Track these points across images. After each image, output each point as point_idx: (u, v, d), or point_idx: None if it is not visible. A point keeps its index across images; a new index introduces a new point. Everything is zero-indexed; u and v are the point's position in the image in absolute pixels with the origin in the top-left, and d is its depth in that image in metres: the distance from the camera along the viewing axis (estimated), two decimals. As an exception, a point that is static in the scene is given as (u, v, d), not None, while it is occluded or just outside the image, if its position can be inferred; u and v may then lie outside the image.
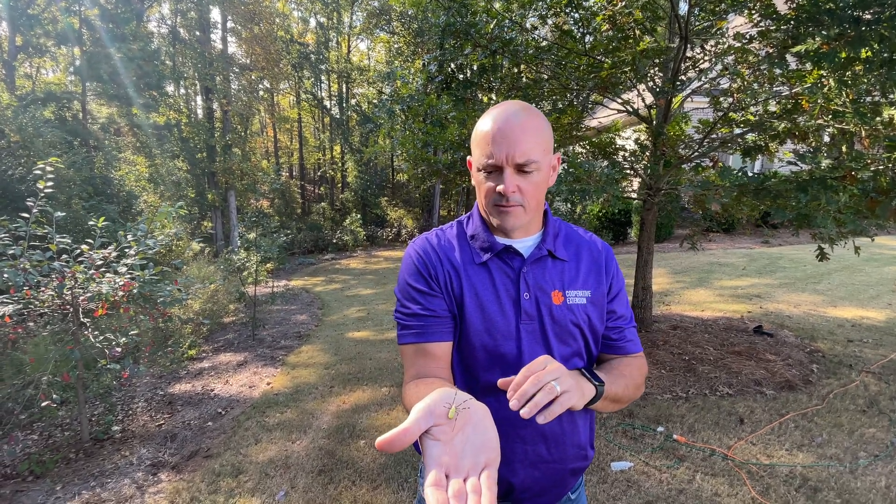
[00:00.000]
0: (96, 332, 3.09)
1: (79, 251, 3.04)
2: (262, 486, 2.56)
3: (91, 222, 3.15)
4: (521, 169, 0.80)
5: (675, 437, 2.76)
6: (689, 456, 2.59)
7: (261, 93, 17.62)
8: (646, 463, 2.54)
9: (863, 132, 2.58)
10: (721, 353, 3.93)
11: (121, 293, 2.95)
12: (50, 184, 2.97)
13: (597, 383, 0.77)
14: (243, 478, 2.65)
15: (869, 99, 2.88)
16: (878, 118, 2.62)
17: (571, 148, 4.97)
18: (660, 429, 2.87)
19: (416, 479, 2.53)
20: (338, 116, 21.09)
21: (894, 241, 9.42)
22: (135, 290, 3.01)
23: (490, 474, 0.47)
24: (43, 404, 2.85)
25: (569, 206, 10.67)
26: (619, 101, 4.11)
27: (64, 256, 2.95)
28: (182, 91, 18.76)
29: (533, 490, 0.90)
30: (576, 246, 0.93)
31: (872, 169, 2.47)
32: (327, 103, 23.13)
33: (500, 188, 0.81)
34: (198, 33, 13.29)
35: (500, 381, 0.68)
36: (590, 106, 4.74)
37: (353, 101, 21.52)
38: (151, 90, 11.67)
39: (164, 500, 2.47)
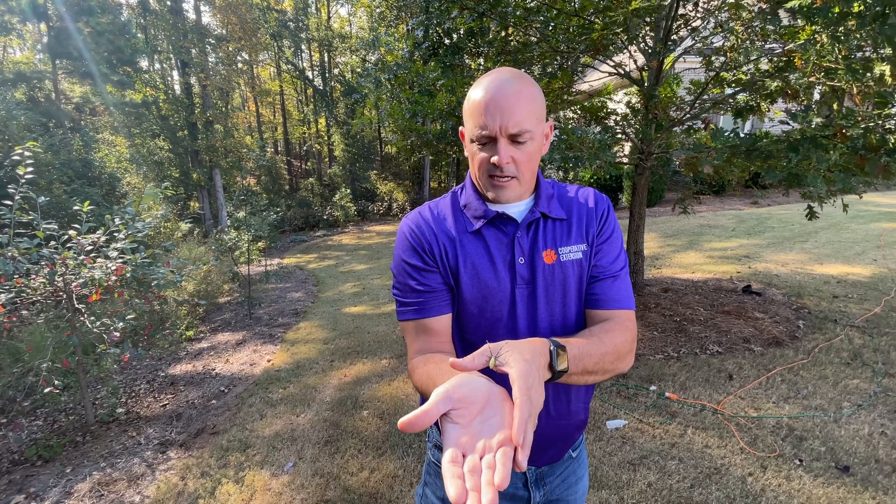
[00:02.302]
0: (92, 318, 3.08)
1: (66, 237, 2.99)
2: (271, 459, 2.63)
3: (76, 207, 3.08)
4: (514, 139, 0.80)
5: (667, 394, 2.86)
6: (681, 412, 2.69)
7: (239, 65, 16.99)
8: (639, 420, 2.64)
9: (854, 89, 2.57)
10: (711, 313, 4.03)
11: (114, 278, 2.93)
12: (30, 169, 2.89)
13: (557, 358, 0.69)
14: (251, 451, 2.72)
15: (860, 55, 2.85)
16: (868, 74, 2.61)
17: (562, 113, 4.90)
18: (652, 387, 2.97)
19: (419, 446, 2.61)
20: (321, 88, 20.48)
21: (880, 197, 9.56)
22: (128, 274, 2.98)
23: (506, 451, 0.49)
24: (45, 391, 2.86)
25: (561, 174, 10.63)
26: (611, 63, 4.03)
27: (52, 243, 2.91)
28: (157, 66, 18.03)
29: (535, 445, 0.91)
30: (569, 203, 0.92)
31: (863, 126, 2.48)
32: (309, 74, 22.41)
33: (494, 159, 0.80)
34: (168, 3, 12.63)
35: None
36: (580, 69, 4.64)
37: (335, 71, 20.87)
38: (125, 66, 11.18)
39: (175, 477, 2.54)
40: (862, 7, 2.42)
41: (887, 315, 3.78)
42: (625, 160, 4.32)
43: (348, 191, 15.85)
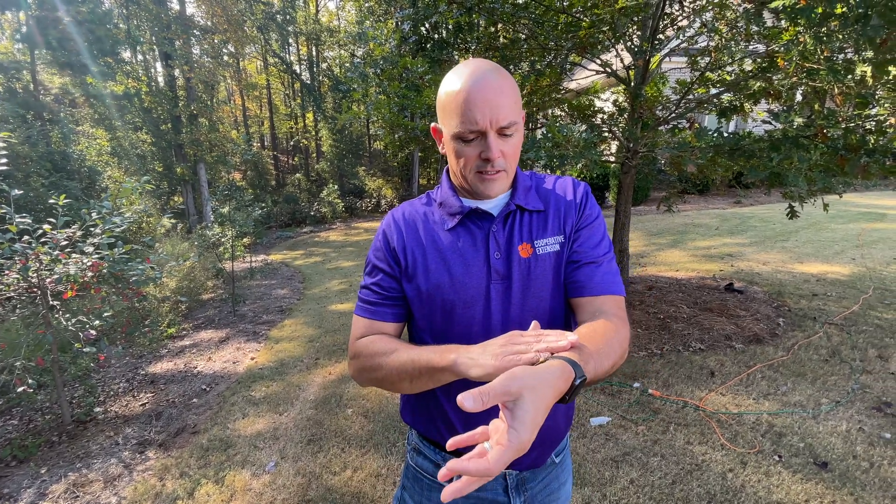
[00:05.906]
0: (68, 315, 2.99)
1: (41, 231, 2.90)
2: (252, 458, 2.59)
3: (51, 200, 2.99)
4: (502, 132, 0.79)
5: (650, 391, 2.89)
6: (664, 409, 2.72)
7: (225, 58, 16.67)
8: (623, 417, 2.66)
9: (836, 90, 2.61)
10: (694, 311, 4.07)
11: (90, 274, 2.85)
12: (3, 160, 2.79)
13: (575, 392, 0.59)
14: (232, 451, 2.67)
15: (841, 57, 2.90)
16: (850, 76, 2.65)
17: (550, 111, 4.90)
18: (636, 384, 3.00)
19: (403, 444, 2.60)
20: (308, 82, 20.24)
21: (858, 198, 9.78)
22: (104, 270, 2.90)
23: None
24: (19, 389, 2.78)
25: (548, 172, 10.66)
26: (598, 61, 4.03)
27: (25, 237, 2.81)
28: (140, 58, 17.63)
29: None
30: (546, 194, 0.92)
31: (843, 127, 2.52)
32: (297, 68, 22.14)
33: (485, 155, 0.79)
34: (152, -8, 12.33)
35: (451, 441, 0.54)
36: (568, 67, 4.65)
37: (324, 66, 20.64)
38: (106, 56, 10.91)
39: (153, 478, 2.48)
40: (844, 9, 2.45)
41: (865, 313, 3.86)
42: (611, 159, 4.34)
43: (336, 187, 15.69)
